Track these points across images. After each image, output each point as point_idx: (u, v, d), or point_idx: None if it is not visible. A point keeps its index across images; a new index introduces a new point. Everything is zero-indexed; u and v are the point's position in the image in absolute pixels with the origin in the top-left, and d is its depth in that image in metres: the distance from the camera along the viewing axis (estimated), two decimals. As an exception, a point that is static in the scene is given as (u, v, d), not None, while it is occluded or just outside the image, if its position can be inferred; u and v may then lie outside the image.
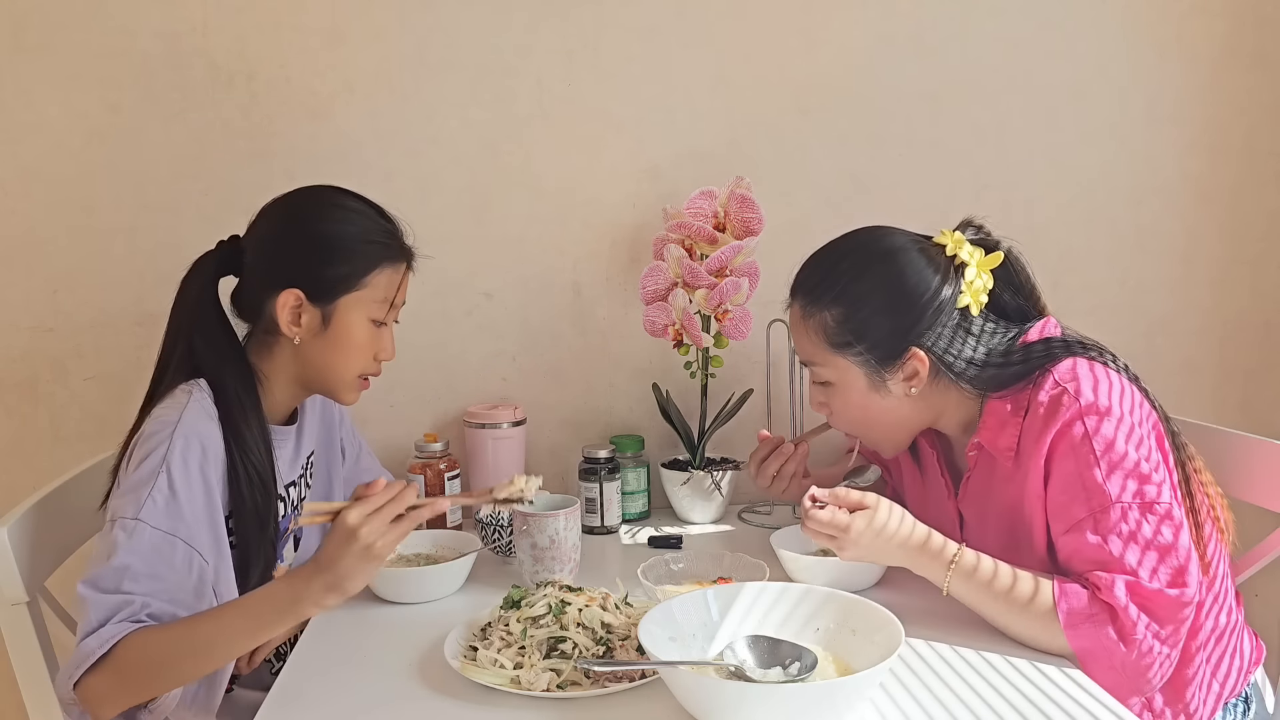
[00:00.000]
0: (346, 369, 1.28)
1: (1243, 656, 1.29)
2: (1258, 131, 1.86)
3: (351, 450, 1.52)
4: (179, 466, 1.12)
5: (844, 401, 1.29)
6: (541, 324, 1.79)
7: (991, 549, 1.20)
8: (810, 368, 1.30)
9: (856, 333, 1.24)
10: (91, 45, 1.64)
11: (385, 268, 1.26)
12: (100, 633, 1.03)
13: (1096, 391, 1.16)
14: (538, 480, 1.16)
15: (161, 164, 1.67)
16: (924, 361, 1.23)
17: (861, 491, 1.21)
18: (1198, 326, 1.88)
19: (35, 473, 1.68)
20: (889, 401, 1.27)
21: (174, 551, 1.10)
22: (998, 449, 1.23)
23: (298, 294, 1.23)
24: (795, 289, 1.31)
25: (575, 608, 1.13)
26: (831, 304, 1.25)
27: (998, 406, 1.23)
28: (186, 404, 1.16)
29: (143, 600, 1.06)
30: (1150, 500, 1.12)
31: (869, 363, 1.24)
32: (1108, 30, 1.81)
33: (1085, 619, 1.10)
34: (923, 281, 1.23)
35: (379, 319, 1.27)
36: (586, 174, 1.76)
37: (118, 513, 1.09)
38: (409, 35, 1.69)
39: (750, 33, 1.76)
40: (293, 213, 1.27)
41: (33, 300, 1.68)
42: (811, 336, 1.27)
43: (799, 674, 1.00)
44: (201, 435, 1.15)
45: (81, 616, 1.06)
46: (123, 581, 1.06)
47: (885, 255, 1.25)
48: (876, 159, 1.80)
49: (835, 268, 1.27)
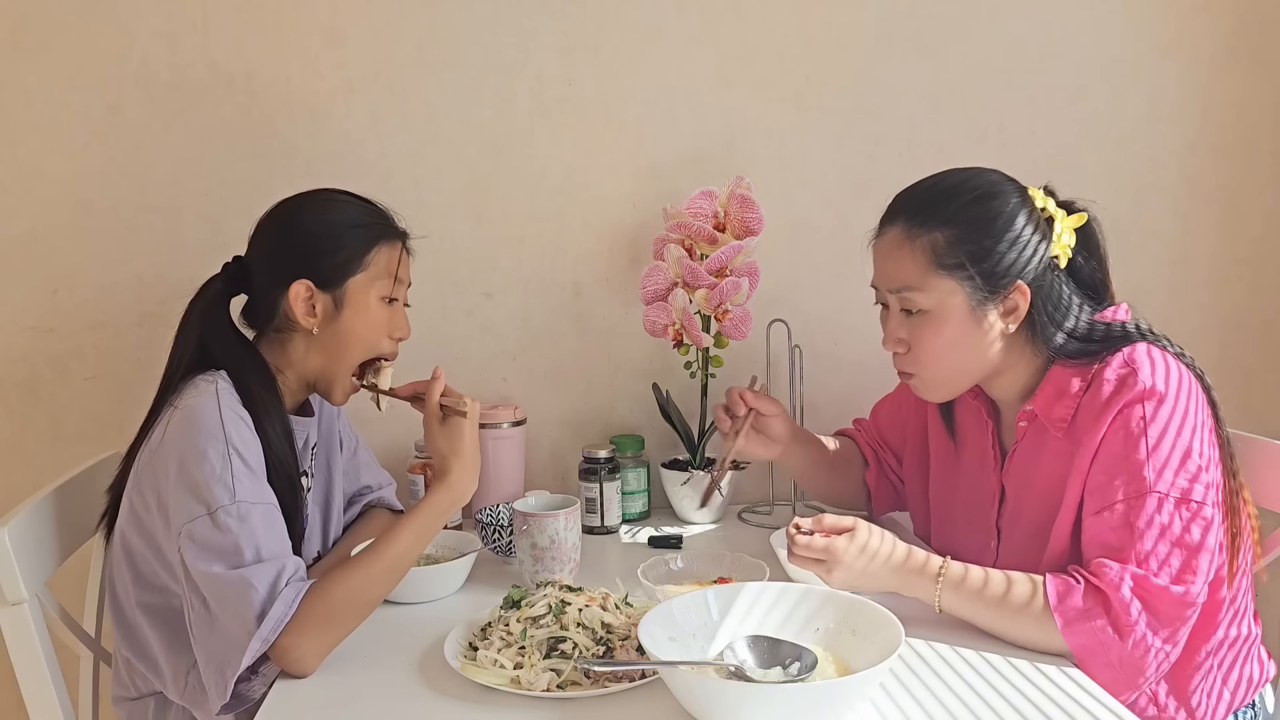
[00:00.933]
0: (362, 352, 1.31)
1: (1256, 670, 1.29)
2: (1258, 131, 1.86)
3: (349, 444, 1.53)
4: (240, 444, 1.17)
5: (935, 331, 1.24)
6: (541, 324, 1.79)
7: (1028, 526, 1.19)
8: (902, 294, 1.25)
9: (971, 255, 1.20)
10: (91, 45, 1.64)
11: (383, 245, 1.31)
12: (283, 596, 1.09)
13: (1165, 380, 1.16)
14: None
15: (161, 164, 1.67)
16: (1026, 296, 1.21)
17: (838, 516, 1.22)
18: (1197, 327, 1.88)
19: (35, 473, 1.68)
20: (979, 337, 1.23)
21: (276, 516, 1.17)
22: (1051, 419, 1.22)
23: (307, 284, 1.27)
24: (897, 212, 1.27)
25: (575, 608, 1.13)
26: (944, 225, 1.22)
27: (1061, 375, 1.22)
28: (217, 392, 1.20)
29: (289, 562, 1.13)
30: (1190, 497, 1.12)
31: (977, 288, 1.21)
32: (1108, 30, 1.81)
33: (1081, 615, 1.10)
34: (1031, 220, 1.22)
35: (388, 295, 1.31)
36: (586, 174, 1.76)
37: (213, 503, 1.12)
38: (409, 35, 1.69)
39: (750, 33, 1.76)
40: (285, 216, 1.32)
41: (33, 300, 1.68)
42: (917, 257, 1.23)
43: (799, 674, 1.00)
44: (241, 414, 1.20)
45: (243, 594, 1.09)
46: (260, 553, 1.12)
47: (997, 186, 1.24)
48: (876, 159, 1.80)
49: (951, 191, 1.24)
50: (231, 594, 1.09)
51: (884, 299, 1.29)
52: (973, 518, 1.35)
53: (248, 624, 1.08)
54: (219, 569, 1.10)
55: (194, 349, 1.27)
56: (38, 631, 1.20)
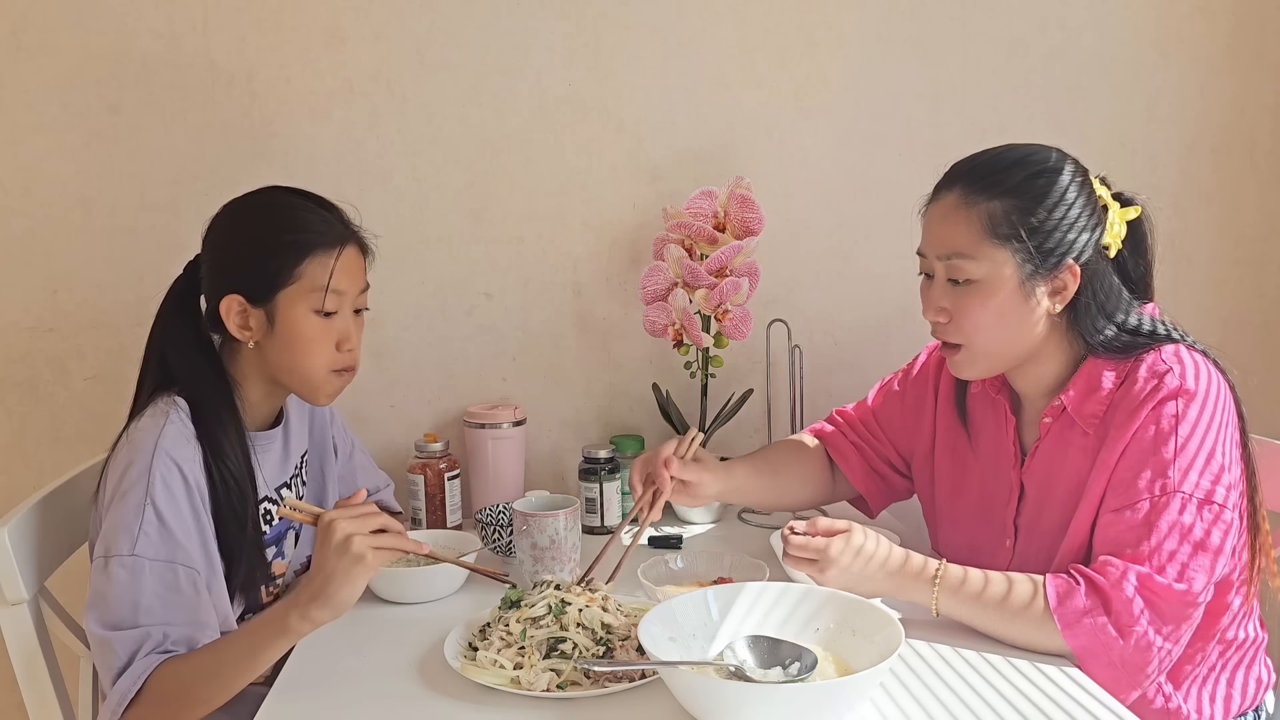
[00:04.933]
0: (308, 365, 1.26)
1: (1262, 675, 1.29)
2: (1257, 131, 1.86)
3: (344, 448, 1.52)
4: (162, 495, 1.13)
5: (981, 302, 1.21)
6: (541, 324, 1.79)
7: (1051, 524, 1.19)
8: (951, 261, 1.22)
9: (1028, 227, 1.19)
10: (91, 45, 1.64)
11: (315, 256, 1.24)
12: (132, 669, 1.06)
13: (1196, 380, 1.16)
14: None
15: (161, 164, 1.67)
16: (1076, 278, 1.20)
17: (833, 519, 1.21)
18: (1197, 327, 1.85)
19: (35, 473, 1.68)
20: (1025, 313, 1.21)
21: (177, 577, 1.12)
22: (1083, 415, 1.21)
23: (238, 299, 1.24)
24: (955, 178, 1.25)
25: (575, 608, 1.13)
26: (1004, 194, 1.20)
27: (1094, 370, 1.21)
28: (163, 427, 1.17)
29: (162, 630, 1.08)
30: (1212, 499, 1.12)
31: (1030, 261, 1.19)
32: (1108, 30, 1.81)
33: (1082, 615, 1.09)
34: (1089, 203, 1.21)
35: (322, 309, 1.25)
36: (586, 174, 1.76)
37: (112, 550, 1.10)
38: (409, 35, 1.69)
39: (750, 33, 1.76)
40: (222, 221, 1.29)
41: (33, 300, 1.68)
42: (972, 225, 1.21)
43: (799, 674, 1.00)
44: (178, 458, 1.16)
45: (105, 657, 1.07)
46: (138, 616, 1.08)
47: (1060, 163, 1.22)
48: (876, 159, 1.80)
49: (1014, 163, 1.23)
50: (98, 653, 1.09)
51: (929, 267, 1.26)
52: (987, 515, 1.33)
53: (107, 689, 1.07)
54: (91, 624, 1.09)
55: (157, 360, 1.26)
56: (38, 631, 1.21)
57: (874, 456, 1.49)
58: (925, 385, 1.45)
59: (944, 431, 1.42)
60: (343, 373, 1.29)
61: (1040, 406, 1.27)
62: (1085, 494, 1.19)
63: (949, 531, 1.41)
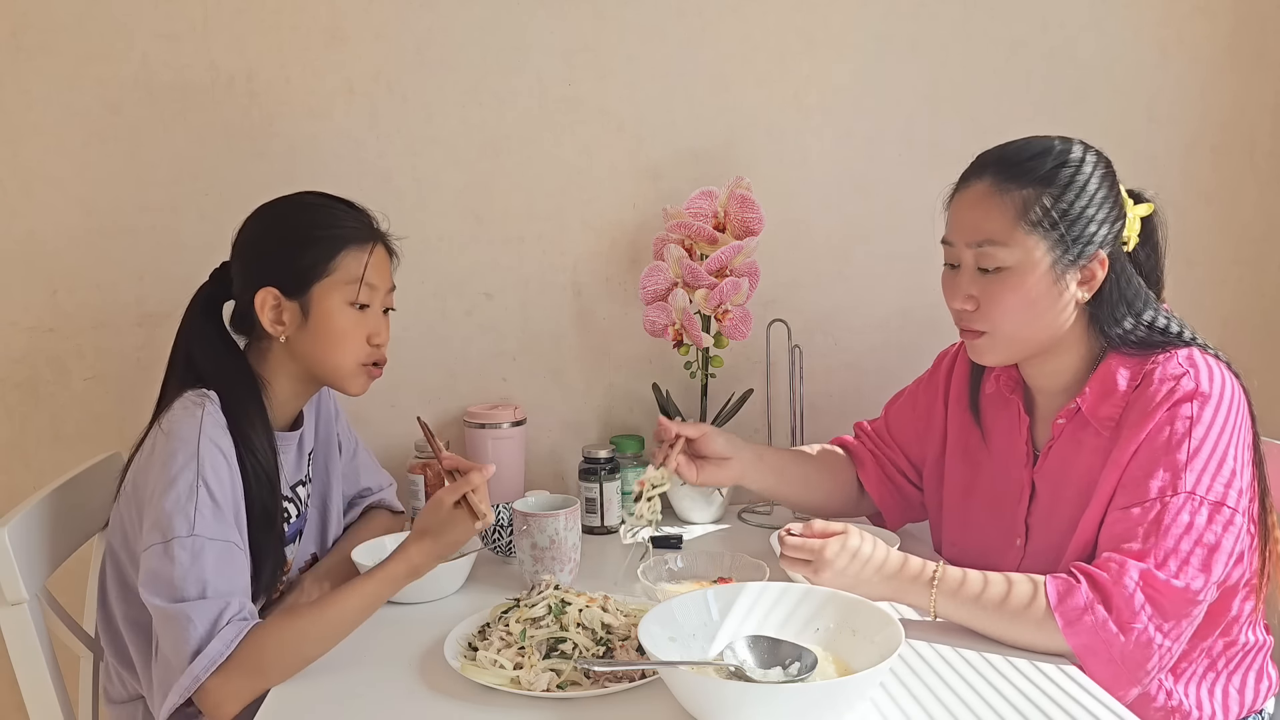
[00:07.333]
0: (340, 357, 1.29)
1: (1267, 680, 1.29)
2: (1256, 132, 1.86)
3: (348, 445, 1.53)
4: (213, 477, 1.15)
5: (1012, 289, 1.20)
6: (541, 324, 1.79)
7: (1063, 524, 1.19)
8: (982, 248, 1.21)
9: (1061, 214, 1.19)
10: (91, 45, 1.64)
11: (350, 249, 1.28)
12: (222, 634, 1.08)
13: (1211, 384, 1.16)
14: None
15: (161, 164, 1.67)
16: (1105, 267, 1.20)
17: (829, 522, 1.22)
18: (1197, 327, 1.87)
19: (35, 473, 1.68)
20: (1054, 301, 1.21)
21: (233, 555, 1.15)
22: (1098, 417, 1.21)
23: (273, 291, 1.26)
24: (984, 166, 1.24)
25: (575, 608, 1.13)
26: (1037, 182, 1.20)
27: (1113, 368, 1.21)
28: (201, 416, 1.18)
29: (239, 601, 1.11)
30: (1224, 502, 1.12)
31: (1062, 248, 1.19)
32: (1108, 30, 1.81)
33: (1082, 613, 1.09)
34: (1114, 194, 1.22)
35: (355, 301, 1.28)
36: (586, 174, 1.76)
37: (170, 533, 1.11)
38: (409, 35, 1.69)
39: (750, 33, 1.76)
40: (256, 220, 1.31)
41: (33, 300, 1.68)
42: (1005, 211, 1.20)
43: (799, 674, 1.00)
44: (221, 445, 1.18)
45: (181, 629, 1.08)
46: (206, 590, 1.10)
47: (1087, 153, 1.23)
48: (876, 159, 1.80)
49: (1044, 152, 1.22)
50: (171, 627, 1.09)
51: (956, 256, 1.26)
52: (998, 514, 1.33)
53: (183, 659, 1.07)
54: (159, 601, 1.09)
55: (184, 360, 1.27)
56: (38, 631, 1.21)
57: (888, 464, 1.51)
58: (935, 390, 1.46)
59: (955, 433, 1.42)
60: (372, 367, 1.32)
61: (1054, 405, 1.28)
62: (1096, 492, 1.19)
63: (958, 531, 1.41)
